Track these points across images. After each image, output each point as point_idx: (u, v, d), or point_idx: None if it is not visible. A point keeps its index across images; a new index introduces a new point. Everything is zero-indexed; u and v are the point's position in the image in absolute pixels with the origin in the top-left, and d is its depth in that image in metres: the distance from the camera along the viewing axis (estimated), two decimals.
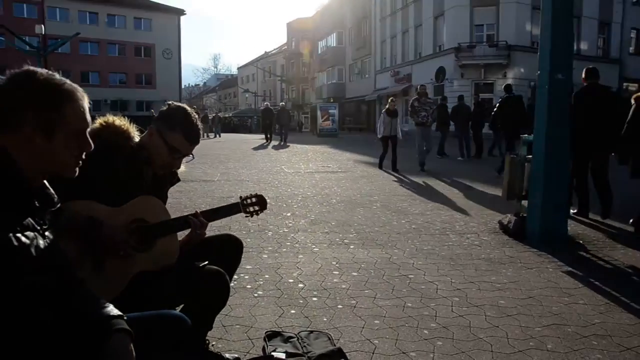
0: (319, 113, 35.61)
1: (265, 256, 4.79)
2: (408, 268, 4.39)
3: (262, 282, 4.02)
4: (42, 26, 29.00)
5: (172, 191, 2.59)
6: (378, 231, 5.86)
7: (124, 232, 2.10)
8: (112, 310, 1.50)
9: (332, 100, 45.94)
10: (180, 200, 7.77)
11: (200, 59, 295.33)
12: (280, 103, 35.40)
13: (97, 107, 52.62)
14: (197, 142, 2.38)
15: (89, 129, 1.52)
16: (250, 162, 15.05)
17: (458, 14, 32.25)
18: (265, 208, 2.64)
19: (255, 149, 21.80)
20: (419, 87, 13.71)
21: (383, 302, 3.57)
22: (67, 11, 51.49)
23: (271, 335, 2.98)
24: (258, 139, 30.11)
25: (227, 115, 64.70)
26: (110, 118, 2.29)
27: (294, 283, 4.00)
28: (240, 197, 2.60)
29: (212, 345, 2.87)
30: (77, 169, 1.53)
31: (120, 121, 2.31)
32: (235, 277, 4.10)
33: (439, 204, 7.74)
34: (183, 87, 77.09)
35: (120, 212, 2.16)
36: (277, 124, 28.59)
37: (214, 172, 12.31)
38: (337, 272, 4.27)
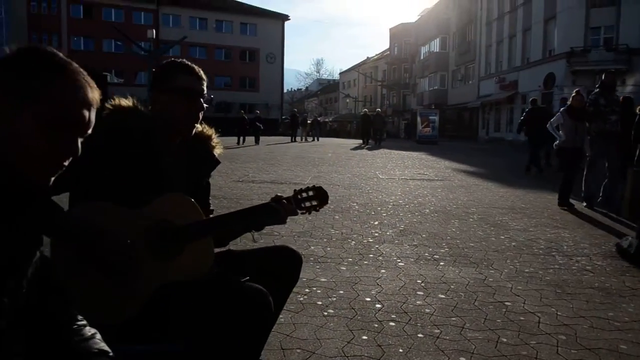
0: (418, 119, 34.83)
1: (344, 268, 4.37)
2: (505, 293, 3.79)
3: (335, 299, 3.61)
4: (154, 31, 30.54)
5: (253, 193, 2.26)
6: (473, 247, 5.25)
7: (126, 245, 1.76)
8: (94, 344, 1.15)
9: (433, 107, 44.72)
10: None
11: (303, 64, 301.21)
12: (377, 109, 35.28)
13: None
14: (203, 77, 2.03)
15: (80, 131, 1.13)
16: (344, 167, 14.72)
17: (572, 16, 30.08)
18: (326, 203, 2.21)
19: (352, 153, 21.49)
20: (604, 75, 8.70)
21: (472, 334, 3.02)
22: (178, 17, 54.11)
23: None
24: (356, 143, 29.84)
25: (327, 120, 65.14)
26: (116, 100, 2.00)
27: (370, 302, 3.55)
28: (295, 191, 2.20)
29: None
30: (51, 180, 1.12)
31: (127, 101, 2.01)
32: (307, 290, 3.74)
33: (543, 220, 6.95)
34: (285, 91, 78.74)
35: (140, 215, 1.84)
36: (372, 128, 29.04)
37: (305, 175, 12.09)
38: (421, 293, 3.76)
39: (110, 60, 47.45)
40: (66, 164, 1.10)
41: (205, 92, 2.03)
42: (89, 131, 1.12)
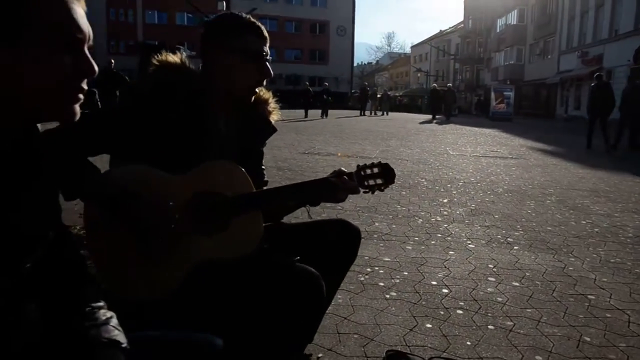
0: (492, 95, 33.53)
1: (410, 248, 4.11)
2: (588, 285, 3.42)
3: (398, 281, 3.37)
4: (224, 3, 30.68)
5: (318, 165, 2.07)
6: (551, 232, 4.84)
7: (169, 210, 1.59)
8: (106, 332, 0.97)
9: (508, 82, 42.88)
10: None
11: (374, 37, 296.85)
12: (448, 84, 34.26)
13: (273, 82, 55.13)
14: (267, 35, 1.81)
15: (87, 42, 0.87)
16: (413, 142, 14.30)
17: None
18: (392, 182, 1.96)
19: (421, 128, 20.93)
20: None
21: (550, 330, 2.71)
22: None
23: (393, 357, 2.32)
24: (426, 118, 29.13)
25: (397, 94, 64.07)
26: (163, 55, 1.80)
27: (437, 287, 3.28)
28: (358, 166, 1.96)
29: (318, 359, 2.30)
30: (76, 108, 0.88)
31: (174, 57, 1.80)
32: (368, 269, 3.52)
33: (630, 205, 6.37)
34: (355, 64, 77.82)
35: (183, 181, 1.66)
36: (442, 104, 28.42)
37: (373, 149, 11.80)
38: (493, 279, 3.45)
39: (183, 33, 48.31)
40: (84, 85, 0.87)
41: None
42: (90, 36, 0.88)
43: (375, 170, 1.95)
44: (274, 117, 2.02)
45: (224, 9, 30.62)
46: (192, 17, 44.95)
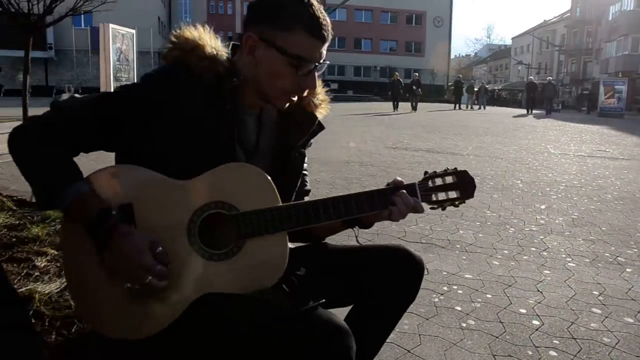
0: (601, 89, 31.01)
1: (497, 263, 3.55)
2: None
3: (479, 305, 2.84)
4: None
5: (404, 161, 1.64)
6: None
7: (152, 259, 1.23)
8: None
9: (620, 75, 39.62)
10: (415, 173, 6.79)
11: (473, 29, 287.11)
12: (548, 78, 32.20)
13: (367, 73, 54.92)
14: (328, 36, 1.38)
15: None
16: (510, 138, 13.34)
17: None
18: (471, 196, 1.52)
19: (520, 123, 19.66)
20: None
21: None
22: None
23: None
24: (523, 113, 27.52)
25: (495, 88, 61.49)
26: (182, 30, 1.41)
27: (526, 316, 2.72)
28: (425, 174, 1.52)
29: None
30: None
31: (192, 32, 1.40)
32: (445, 288, 3.02)
33: None
34: (452, 57, 75.58)
35: (188, 190, 1.31)
36: (544, 98, 26.76)
37: (466, 145, 11.08)
38: (598, 311, 2.83)
39: None
40: None
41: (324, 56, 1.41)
42: None
43: (449, 179, 1.51)
44: (321, 112, 1.59)
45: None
46: None
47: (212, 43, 1.40)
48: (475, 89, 35.00)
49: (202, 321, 1.28)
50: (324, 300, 1.30)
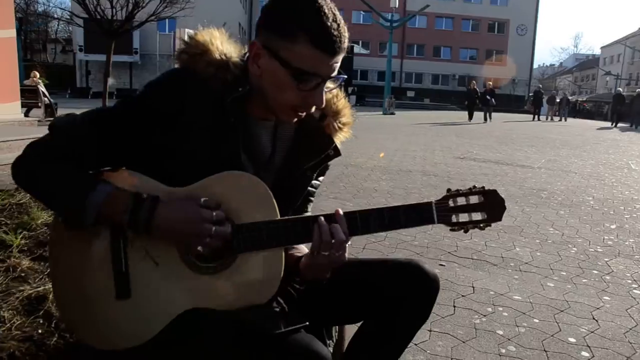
0: None
1: (551, 285, 3.29)
2: None
3: (524, 330, 2.62)
4: (397, 0, 30.25)
5: (469, 172, 1.51)
6: None
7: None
8: None
9: None
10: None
11: (559, 38, 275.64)
12: (638, 90, 30.27)
13: (445, 82, 53.84)
14: (338, 49, 1.20)
15: None
16: (589, 152, 12.61)
17: None
18: (499, 219, 1.39)
19: (602, 137, 18.60)
20: None
21: None
22: None
23: None
24: (609, 126, 26.05)
25: (579, 99, 58.73)
26: (199, 30, 1.32)
27: (575, 346, 2.49)
28: (448, 192, 1.38)
29: None
30: None
31: (204, 35, 1.30)
32: (489, 309, 2.83)
33: None
34: (536, 66, 72.96)
35: (182, 196, 1.24)
36: (630, 111, 25.44)
37: (539, 157, 10.56)
38: None
39: (358, 32, 48.82)
40: None
41: (336, 71, 1.25)
42: None
43: (474, 199, 1.38)
44: (340, 137, 1.47)
45: (396, 6, 30.22)
46: (367, 15, 45.40)
47: (224, 48, 1.30)
48: (557, 100, 33.53)
49: (182, 337, 1.22)
50: (307, 323, 1.20)
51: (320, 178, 1.54)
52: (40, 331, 1.73)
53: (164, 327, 1.22)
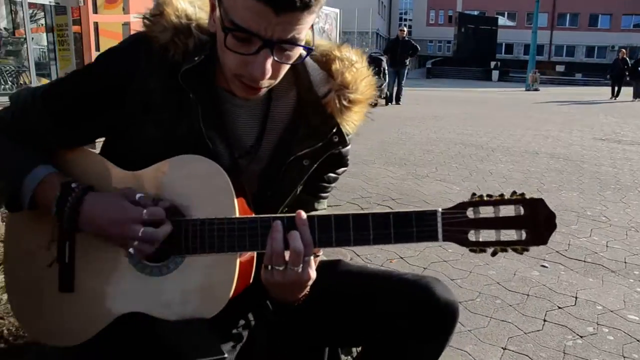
0: None
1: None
2: None
3: None
4: None
5: (601, 156, 1.15)
6: None
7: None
8: None
9: None
10: (616, 172, 5.61)
11: None
12: None
13: (602, 54, 48.85)
14: (286, 4, 0.87)
15: None
16: None
17: None
18: (542, 242, 0.98)
19: None
20: None
21: None
22: None
23: None
24: None
25: None
26: None
27: None
28: (473, 196, 1.00)
29: None
30: None
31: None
32: (589, 329, 2.32)
33: None
34: None
35: (133, 184, 1.06)
36: None
37: None
38: None
39: (504, 2, 45.98)
40: None
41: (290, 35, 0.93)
42: None
43: (506, 211, 0.99)
44: (349, 119, 1.15)
45: None
46: None
47: (185, 7, 1.06)
48: None
49: (120, 343, 1.07)
50: (225, 356, 0.99)
51: (340, 170, 1.24)
52: None
53: (103, 328, 1.06)
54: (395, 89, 13.75)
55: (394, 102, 13.75)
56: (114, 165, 1.08)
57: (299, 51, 0.98)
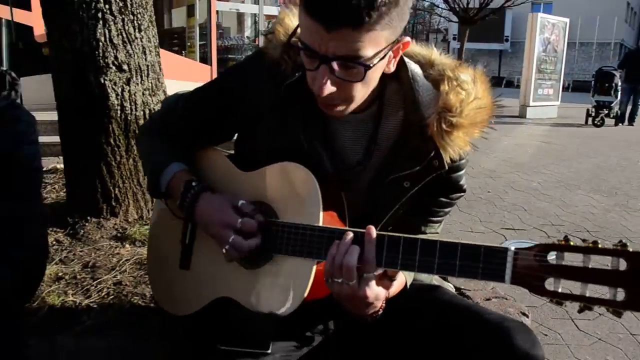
0: None
1: None
2: None
3: None
4: None
5: None
6: None
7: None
8: None
9: None
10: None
11: None
12: None
13: None
14: (335, 21, 0.92)
15: None
16: None
17: None
18: (635, 308, 0.82)
19: None
20: None
21: None
22: None
23: None
24: None
25: None
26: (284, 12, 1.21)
27: None
28: (565, 240, 0.89)
29: None
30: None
31: (281, 13, 1.20)
32: None
33: None
34: None
35: (240, 184, 1.23)
36: None
37: None
38: None
39: None
40: None
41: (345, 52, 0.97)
42: None
43: (602, 261, 0.85)
44: (452, 143, 1.12)
45: None
46: None
47: (294, 25, 1.11)
48: None
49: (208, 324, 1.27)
50: (269, 352, 1.12)
51: (455, 195, 1.25)
52: None
53: (204, 306, 1.24)
54: (629, 107, 12.28)
55: (626, 122, 12.35)
56: (232, 164, 1.26)
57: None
